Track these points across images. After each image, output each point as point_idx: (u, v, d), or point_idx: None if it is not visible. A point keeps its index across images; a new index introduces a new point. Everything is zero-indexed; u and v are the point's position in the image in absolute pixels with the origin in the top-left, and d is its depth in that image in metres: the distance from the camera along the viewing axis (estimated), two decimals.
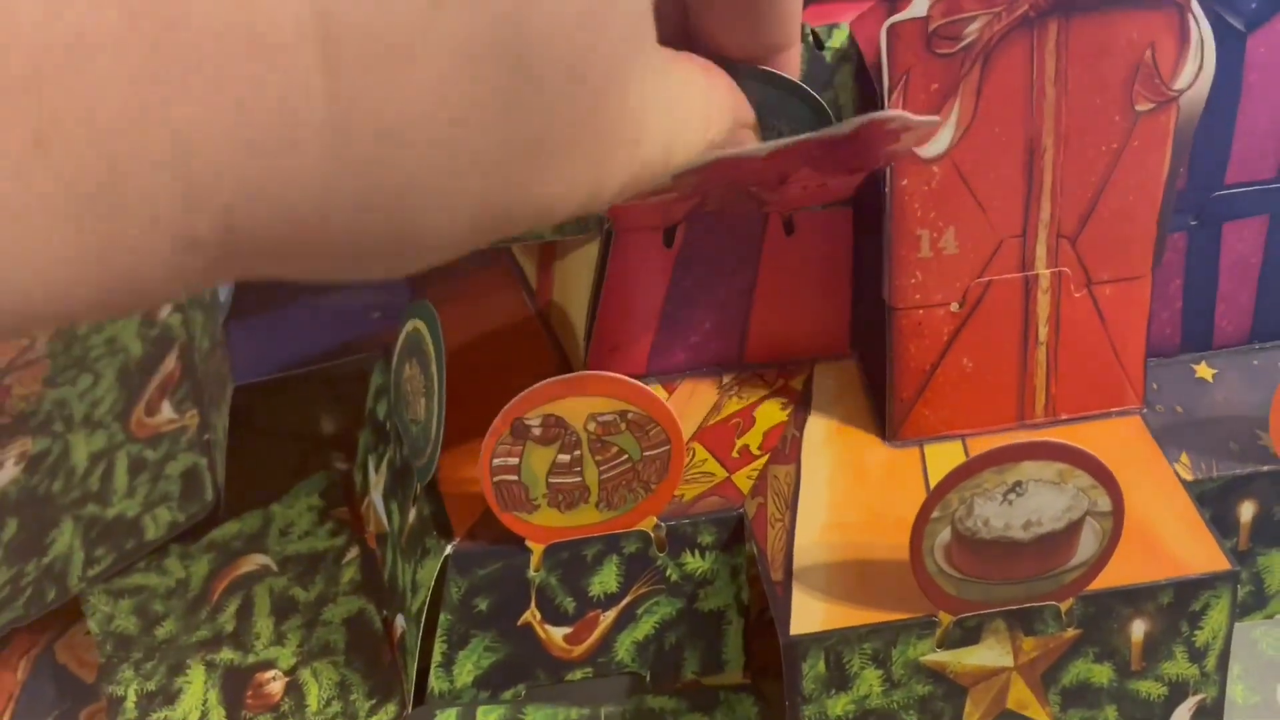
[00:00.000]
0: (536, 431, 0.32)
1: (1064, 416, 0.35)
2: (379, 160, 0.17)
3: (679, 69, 0.23)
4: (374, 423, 0.41)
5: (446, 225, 0.18)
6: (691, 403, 0.36)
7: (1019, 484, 0.30)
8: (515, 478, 0.32)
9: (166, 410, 0.49)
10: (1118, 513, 0.30)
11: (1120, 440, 0.35)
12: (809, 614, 0.31)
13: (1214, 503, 0.34)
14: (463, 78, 0.17)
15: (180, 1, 0.15)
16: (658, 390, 0.36)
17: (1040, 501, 0.30)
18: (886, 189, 0.32)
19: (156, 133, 0.15)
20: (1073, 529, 0.30)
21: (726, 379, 0.37)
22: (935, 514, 0.30)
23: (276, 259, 0.17)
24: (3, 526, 0.48)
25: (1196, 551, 0.32)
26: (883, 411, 0.35)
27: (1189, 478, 0.34)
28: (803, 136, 0.27)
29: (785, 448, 0.35)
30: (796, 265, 0.36)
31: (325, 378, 0.44)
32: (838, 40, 0.33)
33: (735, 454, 0.35)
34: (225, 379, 0.43)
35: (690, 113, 0.23)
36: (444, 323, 0.34)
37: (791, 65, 0.27)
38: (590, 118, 0.19)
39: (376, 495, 0.40)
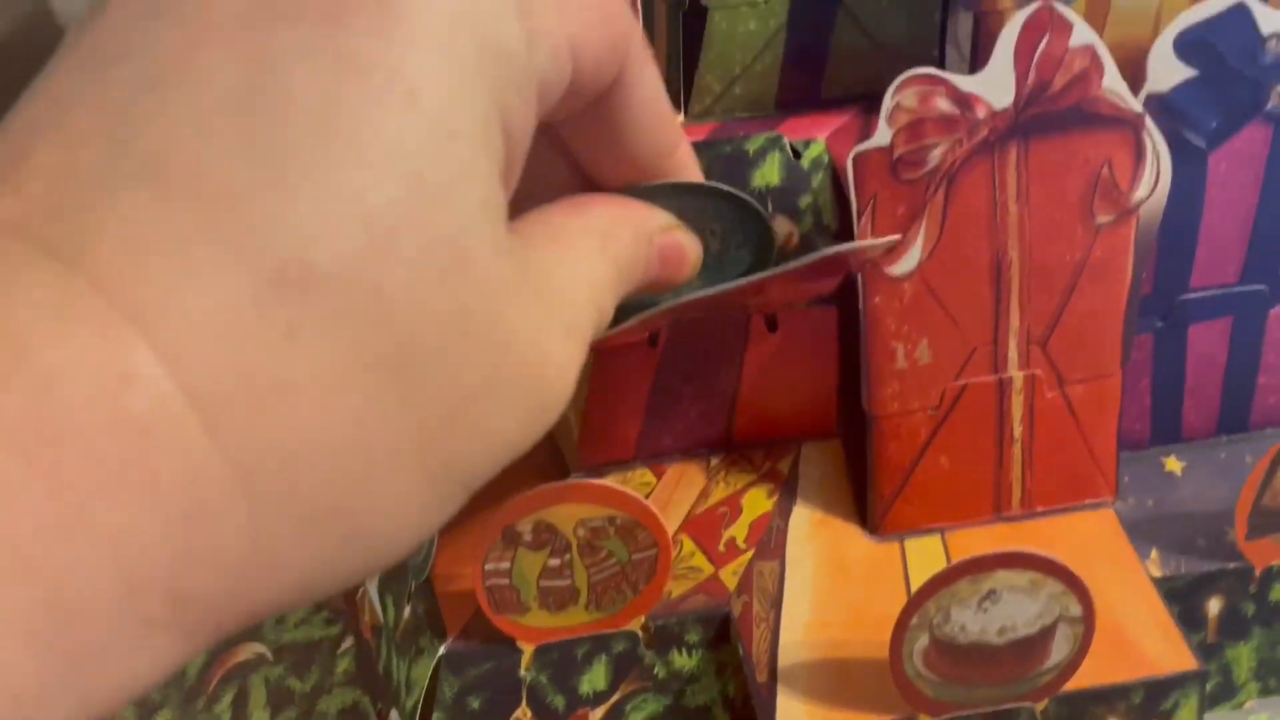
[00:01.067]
0: (527, 538, 0.33)
1: (1039, 509, 0.37)
2: (293, 487, 0.17)
3: (550, 248, 0.22)
4: None
5: (399, 508, 0.18)
6: (679, 488, 0.37)
7: (993, 592, 0.31)
8: (507, 582, 0.33)
9: None
10: (1089, 618, 0.31)
11: (1093, 535, 0.36)
12: (793, 715, 0.32)
13: (1183, 598, 0.36)
14: (341, 389, 0.17)
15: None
16: (646, 475, 0.37)
17: (1014, 608, 0.31)
18: (860, 305, 0.33)
19: (87, 542, 0.16)
20: (1046, 634, 0.31)
21: (714, 461, 0.38)
22: (913, 621, 0.31)
23: (245, 612, 0.18)
24: None
25: (1166, 651, 0.33)
26: (864, 500, 0.36)
27: (1159, 574, 0.35)
28: (766, 273, 0.28)
29: (771, 542, 0.36)
30: (781, 359, 0.37)
31: None
32: (815, 150, 0.34)
33: (722, 548, 0.36)
34: None
35: (588, 260, 0.22)
36: None
37: (687, 165, 0.26)
38: (495, 354, 0.19)
39: (371, 586, 0.41)
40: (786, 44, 0.36)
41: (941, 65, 0.37)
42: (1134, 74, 0.33)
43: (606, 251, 0.23)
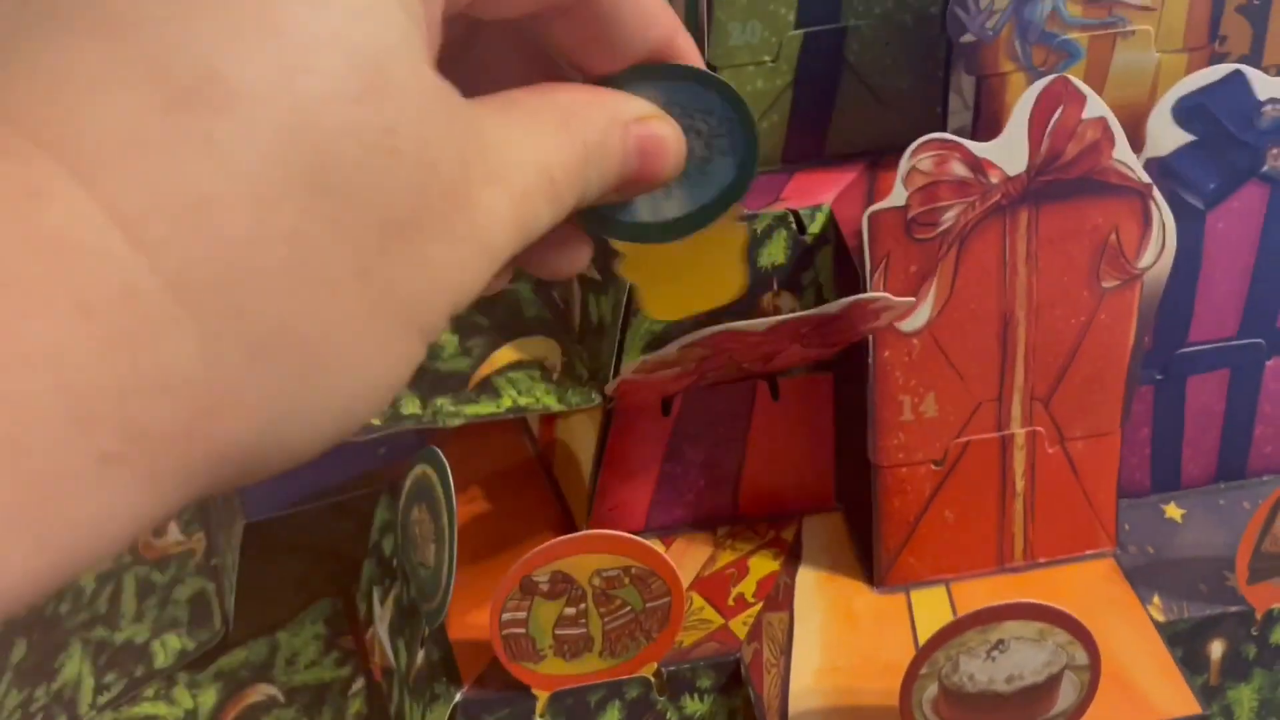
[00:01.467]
0: (544, 587, 0.33)
1: (1041, 560, 0.37)
2: (235, 306, 0.17)
3: (501, 113, 0.21)
4: (379, 556, 0.42)
5: (352, 342, 0.18)
6: (688, 555, 0.38)
7: (1001, 642, 0.32)
8: (523, 631, 0.34)
9: (174, 532, 0.50)
10: (1094, 665, 0.32)
11: (1095, 584, 0.37)
12: None
13: (1185, 642, 0.36)
14: (269, 203, 0.17)
15: None
16: (656, 545, 0.38)
17: (1022, 657, 0.32)
18: (870, 359, 0.34)
19: (21, 365, 0.15)
20: (1053, 681, 0.32)
21: (721, 531, 0.39)
22: (923, 671, 0.32)
23: (212, 453, 0.17)
24: (11, 647, 0.49)
25: (1169, 694, 0.34)
26: (869, 561, 0.37)
27: (1161, 619, 0.36)
28: (797, 314, 0.28)
29: (779, 595, 0.37)
30: (783, 426, 0.38)
31: (332, 509, 0.45)
32: (818, 224, 0.35)
33: (731, 601, 0.37)
34: (235, 510, 0.45)
35: (544, 130, 0.22)
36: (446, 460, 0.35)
37: (687, 54, 0.25)
38: (421, 176, 0.19)
39: (382, 629, 0.41)
40: (793, 102, 0.37)
41: (945, 116, 0.38)
42: (1132, 135, 0.34)
43: (570, 129, 0.22)
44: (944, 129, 0.38)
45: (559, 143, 0.22)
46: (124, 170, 0.16)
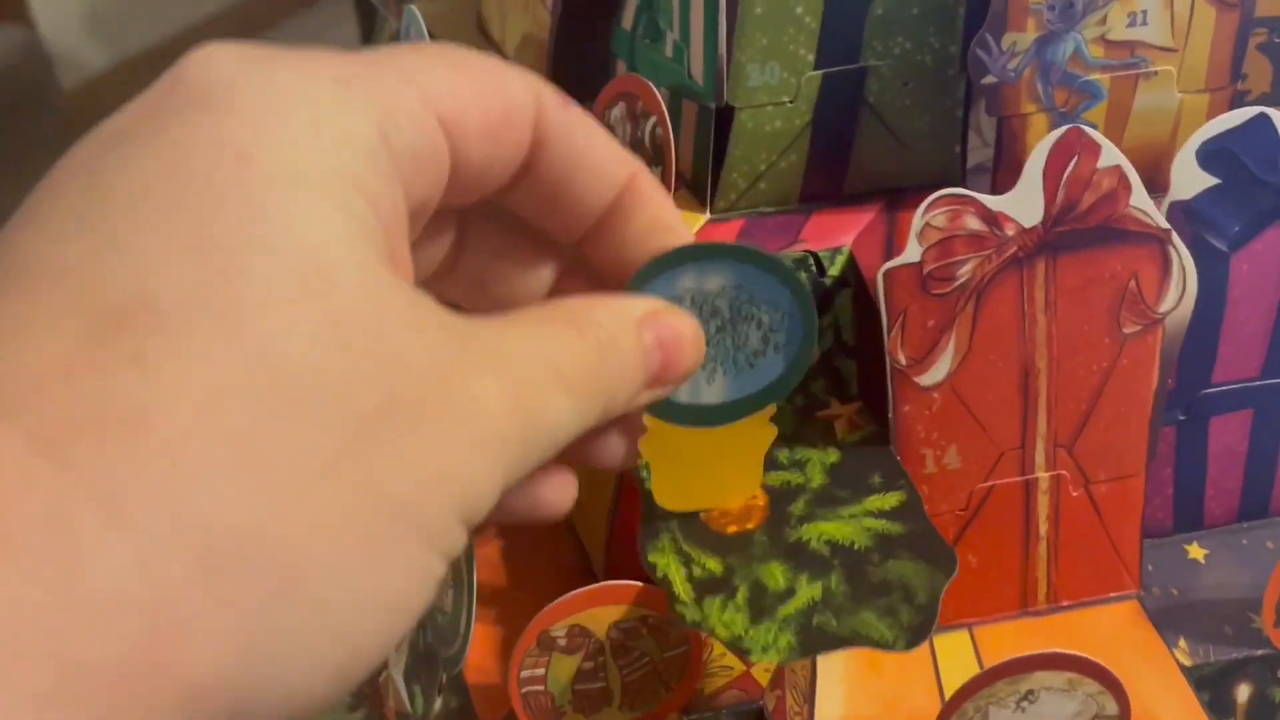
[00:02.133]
0: (562, 642, 0.33)
1: (1065, 603, 0.37)
2: (179, 515, 0.16)
3: (502, 319, 0.21)
4: None
5: (333, 552, 0.17)
6: None
7: (1031, 692, 0.31)
8: (542, 688, 0.33)
9: None
10: (1124, 715, 0.32)
11: (1121, 627, 0.36)
12: None
13: (1211, 686, 0.36)
14: (211, 405, 0.16)
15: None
16: None
17: (1051, 707, 0.31)
18: (890, 413, 0.33)
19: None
20: None
21: None
22: None
23: (184, 697, 0.16)
24: None
25: None
26: None
27: (1187, 663, 0.36)
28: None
29: None
30: None
31: None
32: (838, 267, 0.35)
33: None
34: None
35: (551, 330, 0.21)
36: None
37: (649, 195, 0.24)
38: (387, 372, 0.18)
39: (397, 673, 0.41)
40: (811, 141, 0.36)
41: (964, 157, 0.38)
42: (1153, 174, 0.34)
43: (578, 326, 0.21)
44: (963, 168, 0.38)
45: (566, 340, 0.21)
46: (47, 397, 0.16)
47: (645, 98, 0.35)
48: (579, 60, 0.41)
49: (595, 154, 0.23)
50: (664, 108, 0.35)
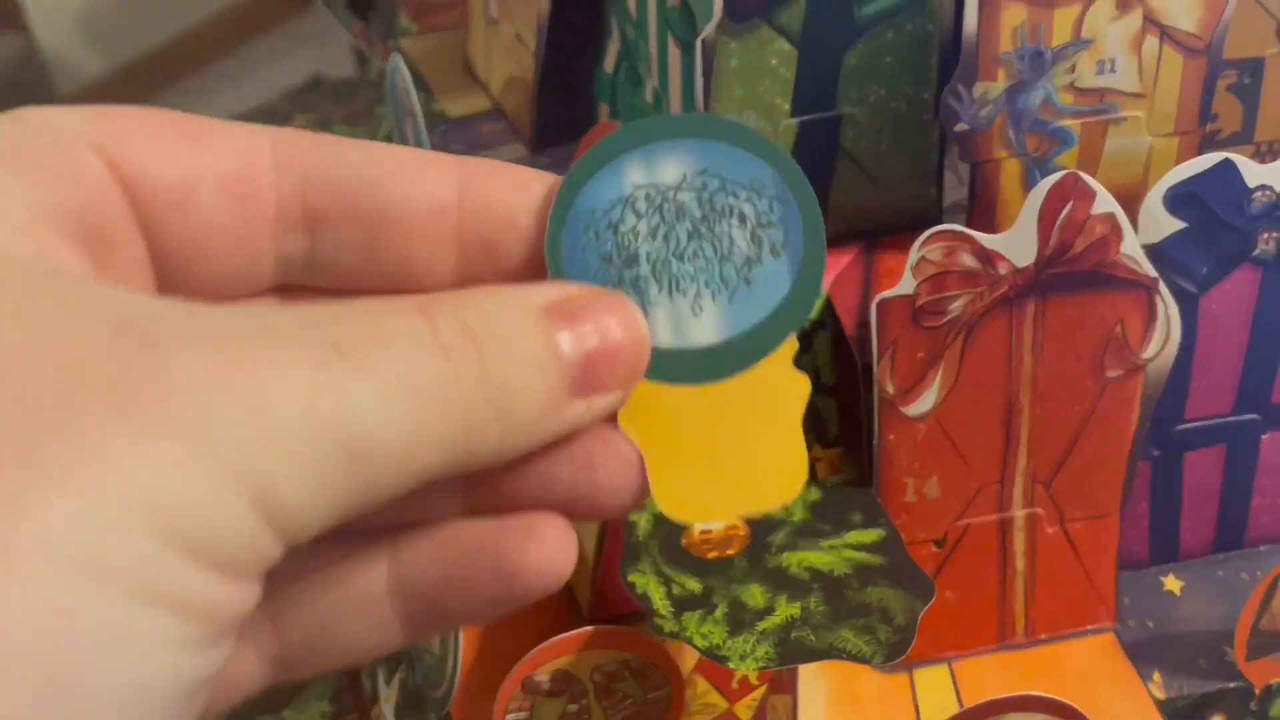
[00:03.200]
0: (546, 686, 0.34)
1: (1042, 636, 0.38)
2: None
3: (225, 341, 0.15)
4: None
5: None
6: None
7: None
8: None
9: None
10: None
11: (1097, 660, 0.37)
12: None
13: (1186, 716, 0.37)
14: None
15: None
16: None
17: None
18: (874, 441, 0.34)
19: None
20: None
21: None
22: None
23: None
24: None
25: None
26: None
27: (1162, 696, 0.36)
28: None
29: (782, 677, 0.37)
30: None
31: None
32: (815, 310, 0.35)
33: (735, 685, 0.37)
34: None
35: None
36: None
37: (492, 174, 0.19)
38: None
39: (388, 709, 0.41)
40: None
41: (940, 197, 0.38)
42: (1126, 216, 0.34)
43: (434, 319, 0.16)
44: (940, 210, 0.38)
45: (396, 326, 0.16)
46: None
47: None
48: (563, 103, 0.42)
49: (398, 176, 0.18)
50: None
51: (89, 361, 0.14)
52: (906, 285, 0.33)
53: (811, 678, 0.37)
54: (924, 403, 0.34)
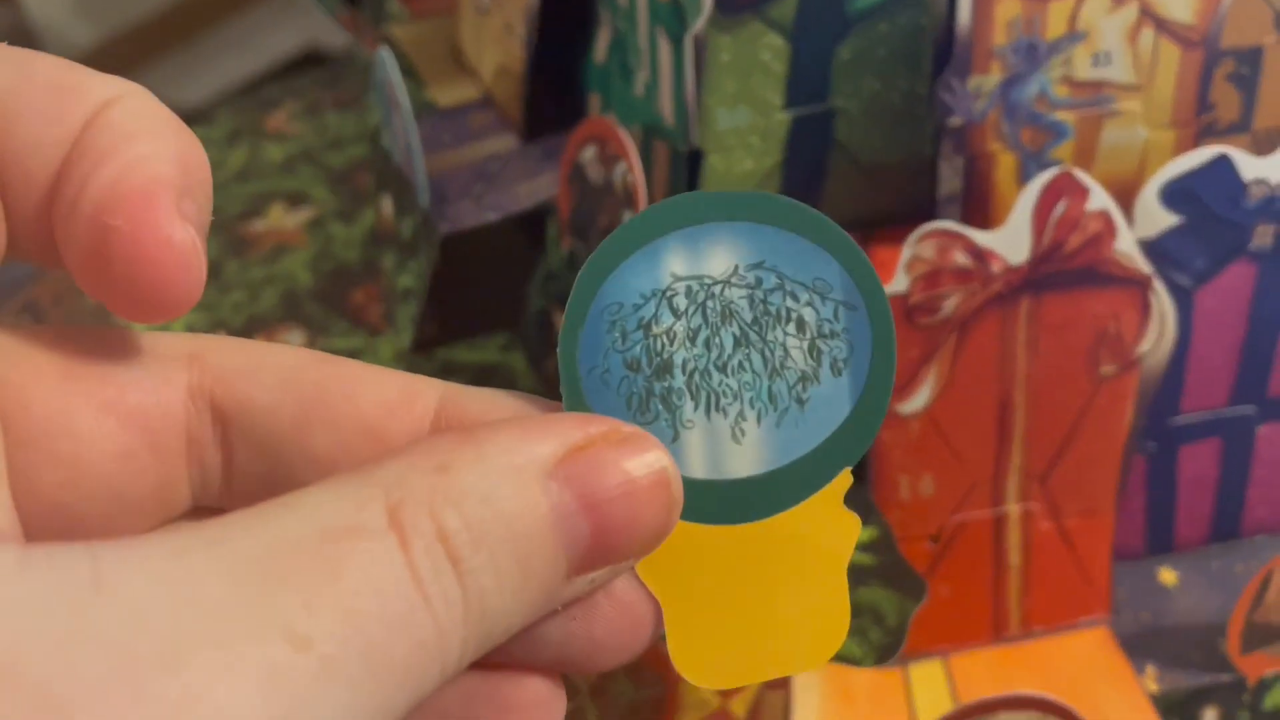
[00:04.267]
0: None
1: (1037, 629, 0.38)
2: None
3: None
4: None
5: None
6: None
7: None
8: None
9: None
10: None
11: (1090, 654, 0.37)
12: None
13: (1179, 710, 0.37)
14: None
15: None
16: None
17: None
18: None
19: None
20: None
21: None
22: None
23: None
24: None
25: None
26: None
27: (1155, 689, 0.36)
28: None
29: None
30: None
31: None
32: None
33: None
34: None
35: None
36: None
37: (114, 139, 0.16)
38: None
39: None
40: (783, 181, 0.37)
41: (934, 191, 0.38)
42: (1122, 209, 0.34)
43: (410, 551, 0.13)
44: (934, 202, 0.38)
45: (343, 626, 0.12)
46: None
47: (614, 142, 0.35)
48: (553, 93, 0.42)
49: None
50: (634, 153, 0.35)
51: None
52: (899, 283, 0.32)
53: (805, 674, 0.37)
54: (917, 401, 0.34)
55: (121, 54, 1.68)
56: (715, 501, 0.16)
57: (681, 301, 0.16)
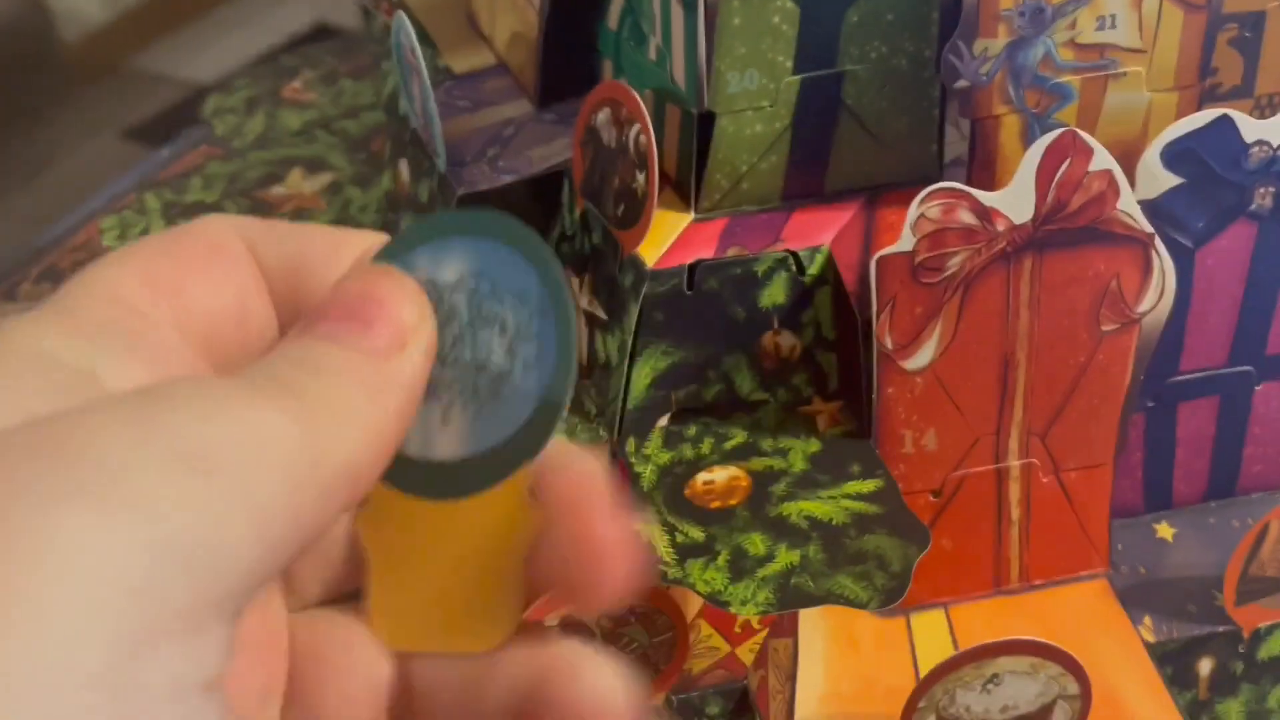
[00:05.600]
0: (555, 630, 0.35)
1: (1037, 582, 0.39)
2: None
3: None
4: None
5: None
6: None
7: (996, 675, 0.33)
8: None
9: None
10: (1085, 695, 0.33)
11: (1089, 605, 0.38)
12: None
13: (1175, 659, 0.38)
14: None
15: None
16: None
17: (1015, 689, 0.33)
18: (873, 394, 0.35)
19: None
20: (1046, 710, 0.34)
21: None
22: (921, 704, 0.33)
23: None
24: None
25: (1158, 715, 0.35)
26: None
27: (1151, 639, 0.37)
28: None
29: (784, 620, 0.38)
30: None
31: None
32: (817, 266, 0.36)
33: (738, 629, 0.38)
34: None
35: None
36: None
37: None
38: None
39: None
40: (791, 143, 0.38)
41: (941, 153, 0.39)
42: (1126, 171, 0.35)
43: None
44: (940, 166, 0.39)
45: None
46: None
47: (629, 105, 0.36)
48: (566, 59, 0.42)
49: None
50: (647, 115, 0.36)
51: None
52: (906, 242, 0.33)
53: (811, 622, 0.38)
54: (922, 357, 0.35)
55: (135, 30, 1.68)
56: (421, 478, 0.18)
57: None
